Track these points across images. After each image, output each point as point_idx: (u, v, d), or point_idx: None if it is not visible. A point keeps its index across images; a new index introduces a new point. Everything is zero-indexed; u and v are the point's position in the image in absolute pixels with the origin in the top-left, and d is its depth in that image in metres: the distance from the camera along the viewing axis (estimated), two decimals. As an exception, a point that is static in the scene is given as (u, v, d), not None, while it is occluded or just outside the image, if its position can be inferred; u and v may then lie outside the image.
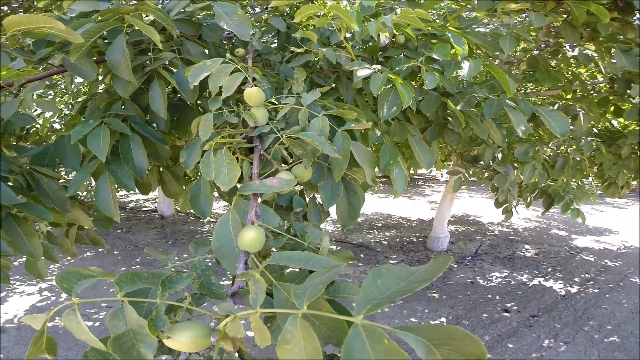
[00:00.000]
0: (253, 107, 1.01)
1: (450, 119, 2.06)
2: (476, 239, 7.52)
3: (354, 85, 1.57)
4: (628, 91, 2.53)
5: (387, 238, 7.52)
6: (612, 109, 2.97)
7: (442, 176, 15.98)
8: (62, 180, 1.31)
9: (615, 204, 11.35)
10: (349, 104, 1.08)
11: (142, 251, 6.24)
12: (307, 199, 1.10)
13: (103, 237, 6.76)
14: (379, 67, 1.31)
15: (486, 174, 2.96)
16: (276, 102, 1.08)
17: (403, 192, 1.28)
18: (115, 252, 6.12)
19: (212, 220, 8.23)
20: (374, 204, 10.60)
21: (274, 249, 0.76)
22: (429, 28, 1.68)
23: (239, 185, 0.88)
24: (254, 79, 1.02)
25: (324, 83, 1.69)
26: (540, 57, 2.39)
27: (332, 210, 1.09)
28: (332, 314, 0.45)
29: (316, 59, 1.85)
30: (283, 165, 0.97)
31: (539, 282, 5.58)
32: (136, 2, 1.49)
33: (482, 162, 2.83)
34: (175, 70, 1.47)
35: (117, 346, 0.50)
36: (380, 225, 8.55)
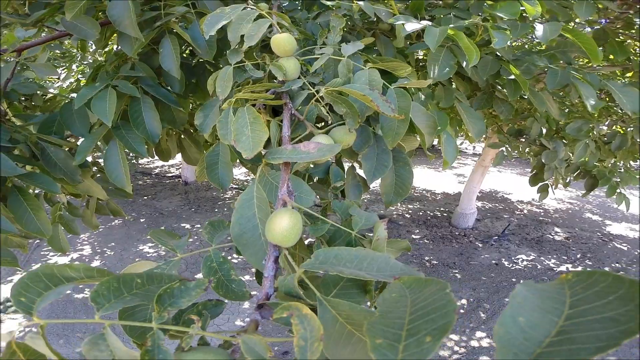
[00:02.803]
0: (282, 57, 0.83)
1: (500, 87, 1.82)
2: (504, 218, 7.23)
3: (396, 43, 1.35)
4: None
5: (410, 211, 7.32)
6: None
7: (473, 148, 15.26)
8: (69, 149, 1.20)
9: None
10: (399, 62, 0.88)
11: (168, 218, 6.30)
12: (345, 170, 0.92)
13: (129, 205, 6.86)
14: (428, 22, 1.10)
15: (529, 149, 2.70)
16: (310, 53, 0.89)
17: (454, 161, 1.11)
18: (142, 220, 6.19)
19: (234, 187, 8.23)
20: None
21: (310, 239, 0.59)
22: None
23: (264, 152, 0.70)
24: (281, 27, 0.84)
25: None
26: (609, 28, 2.07)
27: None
28: None
29: (348, 15, 1.64)
30: (318, 127, 0.79)
31: (567, 268, 5.34)
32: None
33: (527, 136, 2.57)
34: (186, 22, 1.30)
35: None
36: (403, 198, 8.34)
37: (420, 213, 7.25)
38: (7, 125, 1.19)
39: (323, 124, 0.78)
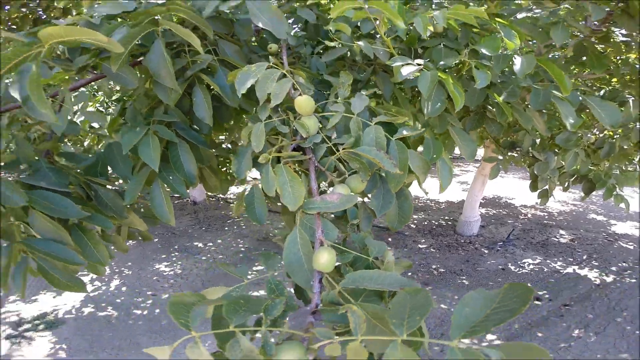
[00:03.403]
0: (304, 116, 1.02)
1: (490, 107, 1.99)
2: (508, 223, 7.33)
3: (394, 79, 1.53)
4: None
5: (415, 221, 7.45)
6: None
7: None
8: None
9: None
10: (397, 108, 1.06)
11: (179, 238, 6.47)
12: (358, 205, 1.11)
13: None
14: (421, 62, 1.27)
15: (523, 160, 2.86)
16: (323, 109, 1.07)
17: (449, 185, 1.27)
18: (155, 240, 6.38)
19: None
20: (400, 188, 10.46)
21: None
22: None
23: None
24: (300, 85, 1.02)
25: (358, 76, 1.67)
26: (588, 42, 2.25)
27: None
28: (429, 339, 0.49)
29: (349, 52, 1.82)
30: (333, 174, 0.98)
31: (573, 270, 5.42)
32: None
33: (520, 149, 2.73)
34: (210, 69, 1.47)
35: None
36: (407, 209, 8.46)
37: (425, 223, 7.38)
38: (57, 165, 1.37)
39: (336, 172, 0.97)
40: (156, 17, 1.18)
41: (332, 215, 1.05)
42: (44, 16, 4.39)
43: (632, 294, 4.67)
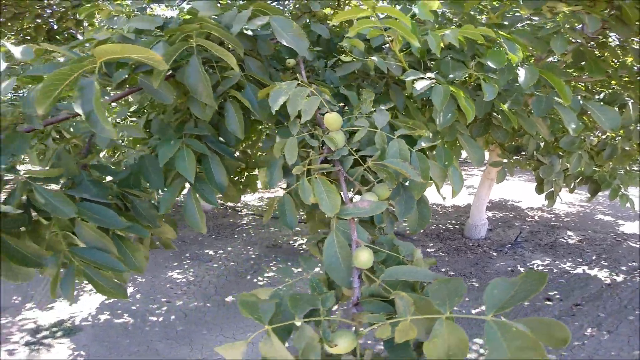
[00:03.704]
0: (332, 131, 1.13)
1: (495, 114, 2.09)
2: (515, 226, 7.38)
3: (406, 91, 1.64)
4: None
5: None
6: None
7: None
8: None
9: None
10: (414, 120, 1.17)
11: (190, 246, 6.58)
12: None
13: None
14: (432, 76, 1.38)
15: (530, 164, 2.95)
16: (349, 123, 1.19)
17: (460, 190, 1.37)
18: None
19: (249, 213, 8.53)
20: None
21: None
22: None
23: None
24: (327, 102, 1.13)
25: (372, 89, 1.78)
26: (586, 48, 2.35)
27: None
28: (468, 315, 0.60)
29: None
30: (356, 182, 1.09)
31: (583, 270, 5.45)
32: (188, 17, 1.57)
33: (524, 152, 2.82)
34: (238, 85, 1.57)
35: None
36: (414, 213, 8.52)
37: (433, 227, 7.44)
38: (93, 177, 1.48)
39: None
40: (190, 34, 1.26)
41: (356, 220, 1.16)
42: (56, 26, 4.51)
43: (643, 294, 4.73)
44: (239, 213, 8.58)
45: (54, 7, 4.38)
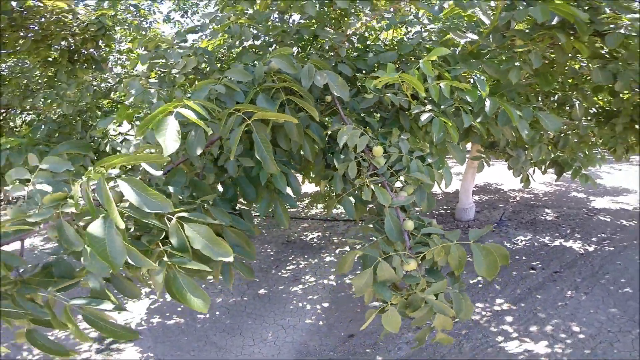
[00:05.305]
0: (377, 157, 1.87)
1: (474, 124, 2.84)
2: (499, 207, 8.07)
3: (409, 115, 2.38)
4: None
5: (416, 213, 8.23)
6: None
7: (461, 150, 16.39)
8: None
9: (634, 162, 11.21)
10: (422, 143, 1.92)
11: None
12: None
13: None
14: (430, 107, 2.12)
15: (502, 156, 3.72)
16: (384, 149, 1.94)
17: (450, 183, 2.11)
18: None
19: (255, 214, 9.15)
20: (400, 185, 11.27)
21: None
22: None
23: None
24: (372, 139, 1.88)
25: (385, 115, 2.52)
26: (536, 70, 3.08)
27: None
28: (464, 242, 1.32)
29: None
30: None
31: (560, 242, 6.06)
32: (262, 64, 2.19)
33: (497, 147, 3.59)
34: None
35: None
36: (409, 204, 9.25)
37: (427, 213, 8.17)
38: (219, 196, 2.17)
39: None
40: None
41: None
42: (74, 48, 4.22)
43: (612, 260, 5.38)
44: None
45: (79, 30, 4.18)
